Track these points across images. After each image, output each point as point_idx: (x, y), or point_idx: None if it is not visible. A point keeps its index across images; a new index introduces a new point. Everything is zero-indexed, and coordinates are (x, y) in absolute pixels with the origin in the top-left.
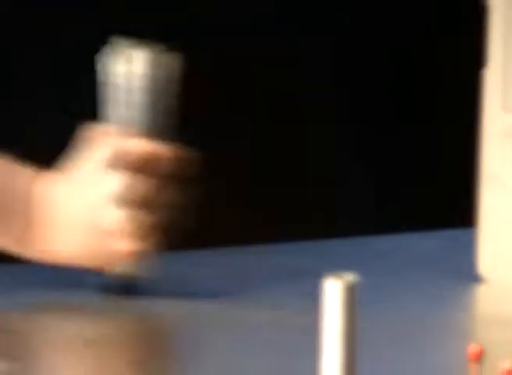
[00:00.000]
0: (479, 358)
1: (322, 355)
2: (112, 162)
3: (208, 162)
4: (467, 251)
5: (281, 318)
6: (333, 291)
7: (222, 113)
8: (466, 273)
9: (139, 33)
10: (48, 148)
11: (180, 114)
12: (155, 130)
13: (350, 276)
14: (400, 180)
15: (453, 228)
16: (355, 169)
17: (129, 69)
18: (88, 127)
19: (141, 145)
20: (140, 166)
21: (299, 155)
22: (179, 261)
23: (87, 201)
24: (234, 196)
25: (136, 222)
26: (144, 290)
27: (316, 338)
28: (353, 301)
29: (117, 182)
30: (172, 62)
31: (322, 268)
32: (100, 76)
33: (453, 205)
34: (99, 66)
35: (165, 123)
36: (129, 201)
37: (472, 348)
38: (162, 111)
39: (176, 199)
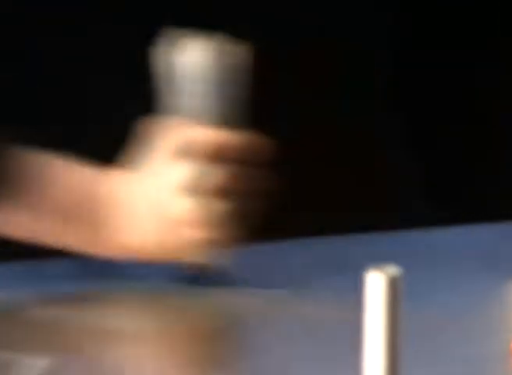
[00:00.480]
0: None
1: (366, 348)
2: (180, 152)
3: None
4: None
5: (330, 311)
6: (376, 284)
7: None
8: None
9: (199, 22)
10: (106, 144)
11: (251, 101)
12: (223, 118)
13: (393, 269)
14: (453, 172)
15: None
16: (407, 160)
17: (190, 59)
18: (148, 121)
19: (210, 134)
20: (210, 155)
21: (352, 146)
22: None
23: (157, 192)
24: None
25: (208, 210)
26: (214, 280)
27: (360, 332)
28: (396, 294)
29: (186, 171)
30: (237, 50)
31: (369, 261)
32: (158, 68)
33: (508, 197)
34: (158, 58)
35: (233, 112)
36: (199, 189)
37: None
38: (229, 99)
39: (249, 187)
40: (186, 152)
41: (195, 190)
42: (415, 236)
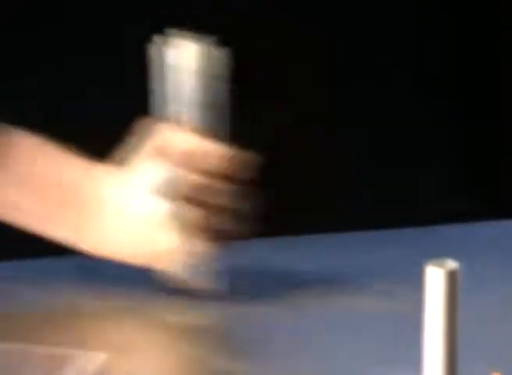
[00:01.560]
0: None
1: (425, 341)
2: (157, 154)
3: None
4: None
5: (386, 306)
6: (435, 278)
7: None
8: None
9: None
10: (101, 140)
11: (232, 110)
12: (205, 126)
13: (451, 263)
14: (503, 165)
15: None
16: (447, 154)
17: (178, 63)
18: (140, 121)
19: (189, 140)
20: (186, 161)
21: (386, 140)
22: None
23: (135, 194)
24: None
25: (181, 217)
26: (191, 289)
27: (420, 325)
28: (455, 287)
29: (160, 174)
30: (221, 56)
31: (424, 255)
32: (150, 69)
33: None
34: (150, 58)
35: (215, 120)
36: (174, 194)
37: None
38: (212, 107)
39: (227, 201)
40: (162, 155)
41: (168, 193)
42: (468, 229)
